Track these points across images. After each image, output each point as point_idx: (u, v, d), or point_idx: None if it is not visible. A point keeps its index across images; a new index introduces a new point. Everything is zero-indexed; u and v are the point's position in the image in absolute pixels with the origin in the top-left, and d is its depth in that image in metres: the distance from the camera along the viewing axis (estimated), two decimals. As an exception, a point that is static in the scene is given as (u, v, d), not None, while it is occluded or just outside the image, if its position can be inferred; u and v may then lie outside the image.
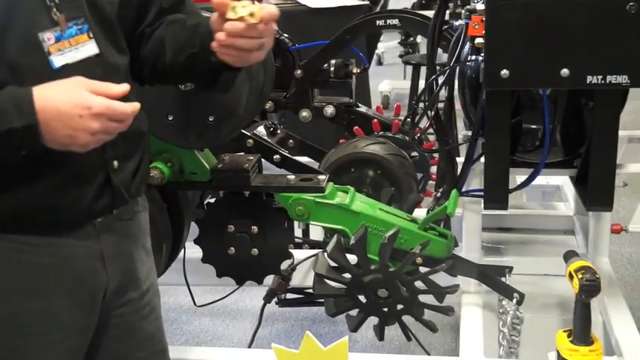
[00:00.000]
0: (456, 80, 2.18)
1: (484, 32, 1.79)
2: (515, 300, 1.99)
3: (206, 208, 2.26)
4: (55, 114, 1.19)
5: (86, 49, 1.31)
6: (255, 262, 2.13)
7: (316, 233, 2.59)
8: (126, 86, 1.24)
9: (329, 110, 2.59)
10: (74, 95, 1.20)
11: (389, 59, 7.49)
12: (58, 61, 1.27)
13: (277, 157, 2.22)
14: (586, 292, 1.82)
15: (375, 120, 2.60)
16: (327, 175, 2.10)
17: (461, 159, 2.21)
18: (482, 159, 2.06)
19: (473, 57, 2.06)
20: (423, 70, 2.57)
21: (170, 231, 2.12)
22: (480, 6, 1.86)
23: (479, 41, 1.86)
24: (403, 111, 2.85)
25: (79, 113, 1.19)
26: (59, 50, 1.27)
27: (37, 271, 1.36)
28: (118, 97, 1.22)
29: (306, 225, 2.48)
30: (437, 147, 2.34)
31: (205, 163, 2.05)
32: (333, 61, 2.57)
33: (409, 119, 2.60)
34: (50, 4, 1.28)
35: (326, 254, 2.00)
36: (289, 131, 2.70)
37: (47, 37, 1.26)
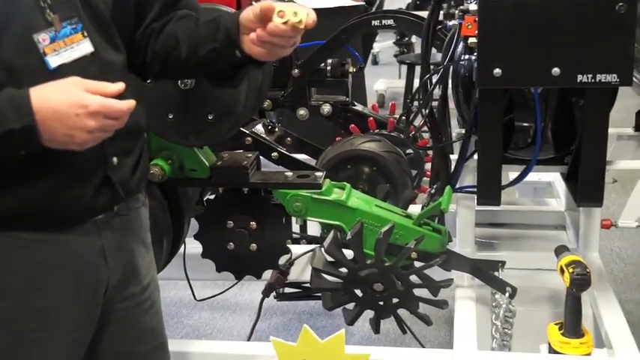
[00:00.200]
0: (450, 79, 2.18)
1: (477, 32, 1.79)
2: (507, 294, 2.00)
3: (206, 205, 2.26)
4: (52, 114, 1.19)
5: (81, 48, 1.31)
6: (253, 257, 2.13)
7: (313, 229, 2.58)
8: (121, 85, 1.24)
9: (326, 109, 2.58)
10: (70, 95, 1.19)
11: (384, 59, 7.49)
12: (54, 62, 1.27)
13: (275, 155, 2.21)
14: (577, 286, 1.83)
15: (371, 118, 2.60)
16: (324, 172, 2.10)
17: (454, 156, 2.21)
18: (475, 156, 2.06)
19: (466, 56, 2.06)
20: (418, 70, 2.56)
21: (170, 227, 2.12)
22: (473, 6, 1.86)
23: (472, 41, 1.86)
24: (398, 109, 2.85)
25: (76, 112, 1.19)
26: (54, 50, 1.27)
27: (40, 267, 1.35)
28: (114, 96, 1.22)
29: (303, 221, 2.48)
30: (431, 144, 2.34)
31: (205, 161, 2.05)
32: (330, 61, 2.56)
33: (404, 117, 2.59)
34: (44, 5, 1.27)
35: (323, 249, 2.00)
36: (287, 129, 2.70)
37: (42, 38, 1.26)
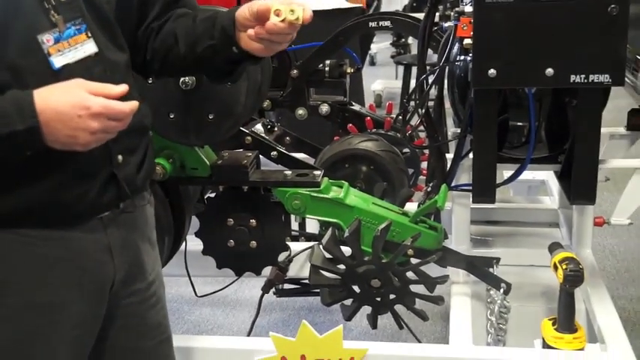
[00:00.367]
0: (446, 80, 2.18)
1: (472, 33, 1.79)
2: (502, 290, 2.00)
3: (206, 203, 2.26)
4: (56, 115, 1.18)
5: (85, 49, 1.30)
6: (253, 254, 2.13)
7: (312, 226, 2.59)
8: (124, 87, 1.24)
9: (324, 108, 2.58)
10: (73, 96, 1.19)
11: (381, 60, 7.49)
12: (58, 62, 1.26)
13: (274, 154, 2.21)
14: (570, 282, 1.83)
15: (368, 118, 2.60)
16: (323, 171, 2.10)
17: (450, 155, 2.21)
18: (470, 155, 2.06)
19: (461, 57, 2.06)
20: (414, 70, 2.56)
21: (172, 224, 2.12)
22: (469, 8, 1.86)
23: (467, 42, 1.86)
24: (395, 109, 2.85)
25: (78, 113, 1.18)
26: (59, 51, 1.27)
27: (46, 264, 1.35)
28: (117, 97, 1.22)
29: (302, 218, 2.48)
30: (427, 143, 2.34)
31: (205, 160, 2.05)
32: (328, 62, 2.57)
33: (401, 117, 2.60)
34: (48, 7, 1.27)
35: (321, 246, 2.00)
36: (286, 129, 2.70)
37: (46, 39, 1.25)
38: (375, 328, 2.11)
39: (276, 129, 2.65)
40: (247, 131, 2.25)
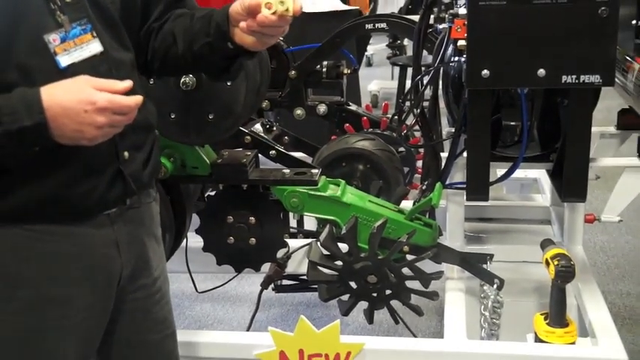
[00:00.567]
0: (440, 80, 2.18)
1: (466, 35, 1.79)
2: (495, 285, 2.00)
3: (206, 200, 2.26)
4: (62, 110, 1.19)
5: (91, 48, 1.31)
6: (252, 251, 2.13)
7: (310, 224, 2.58)
8: (129, 82, 1.24)
9: (321, 108, 2.58)
10: (79, 92, 1.20)
11: (377, 61, 7.48)
12: (64, 61, 1.27)
13: (273, 153, 2.21)
14: (561, 278, 1.83)
15: (365, 118, 2.60)
16: (320, 169, 2.10)
17: (445, 154, 2.21)
18: (464, 154, 2.06)
19: (456, 58, 2.06)
20: (410, 71, 2.56)
21: (173, 222, 2.11)
22: (463, 10, 1.85)
23: (461, 43, 1.86)
24: (391, 109, 2.85)
25: (84, 108, 1.19)
26: (65, 50, 1.27)
27: (56, 259, 1.36)
28: (122, 93, 1.22)
29: (300, 216, 2.48)
30: (422, 143, 2.34)
31: (206, 158, 2.05)
32: (326, 63, 2.56)
33: (396, 117, 2.59)
34: (54, 7, 1.27)
35: (319, 243, 2.00)
36: (284, 128, 2.69)
37: (52, 39, 1.26)
38: (372, 323, 2.11)
39: (274, 129, 2.64)
40: (246, 131, 2.25)
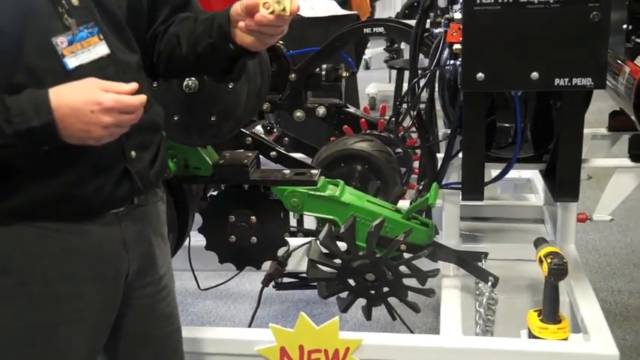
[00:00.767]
0: (436, 83, 2.18)
1: (461, 39, 1.79)
2: (490, 283, 2.00)
3: (209, 200, 2.26)
4: (70, 111, 1.20)
5: (97, 50, 1.31)
6: (254, 249, 2.13)
7: (309, 223, 2.58)
8: (134, 84, 1.25)
9: (321, 111, 2.58)
10: (86, 93, 1.21)
11: (375, 64, 7.48)
12: (72, 63, 1.27)
13: (274, 154, 2.21)
14: (554, 276, 1.83)
15: (363, 119, 2.60)
16: (319, 170, 2.10)
17: (441, 155, 2.21)
18: (460, 155, 2.06)
19: (451, 62, 2.06)
20: (406, 74, 2.56)
21: (176, 221, 2.11)
22: (458, 15, 1.86)
23: (457, 47, 1.86)
24: (388, 111, 2.84)
25: (91, 109, 1.20)
26: (72, 52, 1.28)
27: (65, 255, 1.36)
28: (128, 94, 1.23)
29: (300, 215, 2.48)
30: (419, 144, 2.34)
31: (208, 159, 2.05)
32: (325, 66, 2.56)
33: (394, 119, 2.59)
34: (62, 11, 1.28)
35: (318, 242, 2.00)
36: (285, 130, 2.69)
37: (60, 41, 1.26)
38: (370, 320, 2.11)
39: (275, 130, 2.64)
40: (248, 132, 2.25)
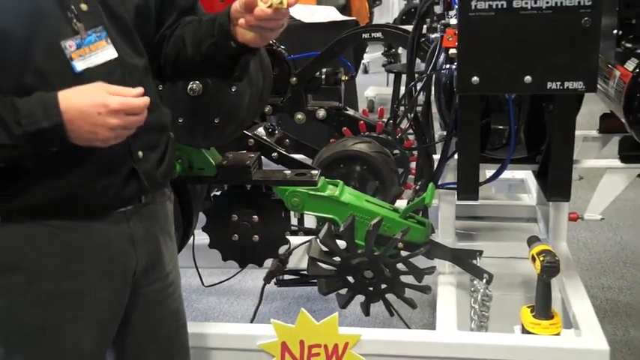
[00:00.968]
0: (433, 86, 2.18)
1: (457, 44, 1.79)
2: (485, 280, 2.00)
3: (212, 200, 2.26)
4: (78, 113, 1.21)
5: (105, 54, 1.31)
6: (256, 247, 2.13)
7: (310, 222, 2.58)
8: (140, 89, 1.26)
9: (321, 113, 2.58)
10: (94, 96, 1.22)
11: (374, 68, 7.46)
12: (80, 66, 1.28)
13: (275, 155, 2.21)
14: (547, 273, 1.83)
15: (362, 122, 2.60)
16: (319, 171, 2.10)
17: (437, 156, 2.22)
18: (455, 156, 2.07)
19: (447, 66, 2.06)
20: (404, 78, 2.56)
21: (181, 220, 2.11)
22: (454, 21, 1.86)
23: (452, 52, 1.86)
24: (386, 114, 2.84)
25: (98, 111, 1.21)
26: (80, 56, 1.28)
27: (73, 253, 1.36)
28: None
29: (300, 214, 2.48)
30: (416, 145, 2.34)
31: (211, 160, 2.05)
32: (325, 70, 2.56)
33: (391, 121, 2.60)
34: (71, 16, 1.28)
35: (319, 240, 2.00)
36: (286, 132, 2.70)
37: (69, 45, 1.27)
38: (368, 315, 2.11)
39: (276, 132, 2.64)
40: (250, 134, 2.25)
